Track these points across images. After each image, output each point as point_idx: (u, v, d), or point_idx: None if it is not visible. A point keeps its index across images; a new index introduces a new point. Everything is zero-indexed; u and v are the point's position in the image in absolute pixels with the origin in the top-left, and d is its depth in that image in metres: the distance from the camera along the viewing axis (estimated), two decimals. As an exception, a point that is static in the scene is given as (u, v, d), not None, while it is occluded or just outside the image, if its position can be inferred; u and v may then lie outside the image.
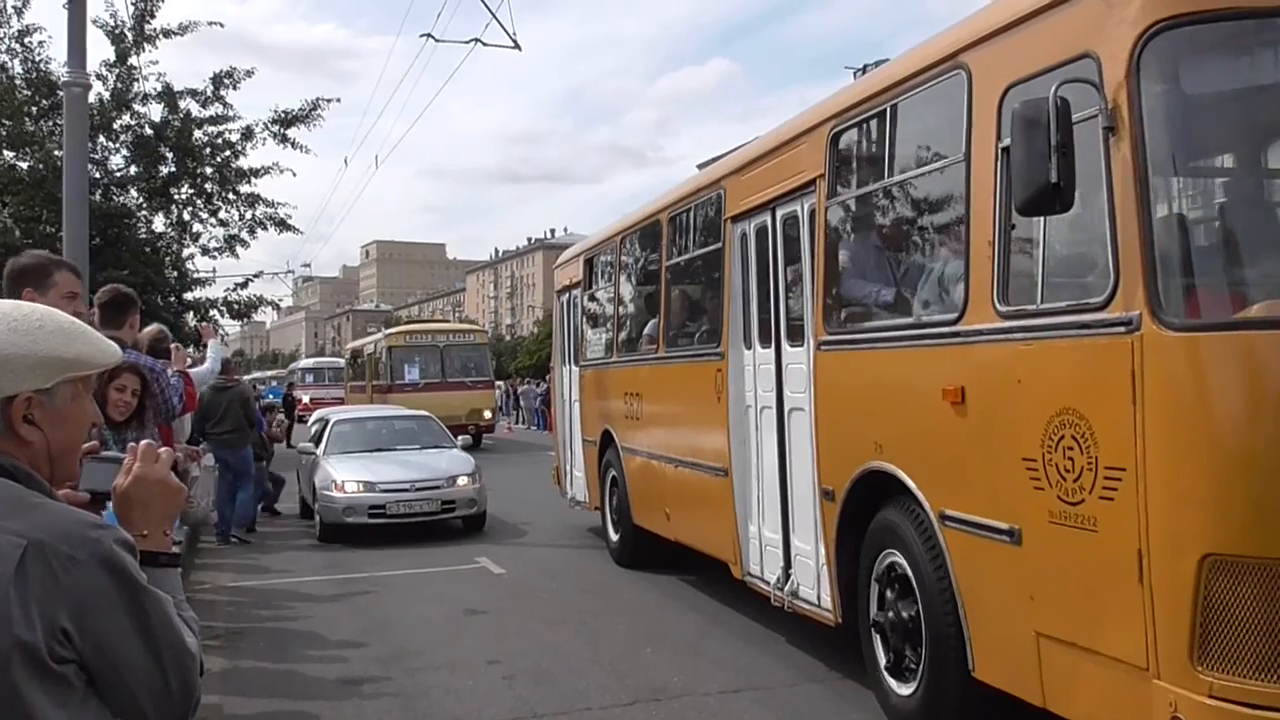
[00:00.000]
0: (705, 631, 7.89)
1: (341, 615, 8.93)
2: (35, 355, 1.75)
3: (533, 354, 67.09)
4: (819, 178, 6.25)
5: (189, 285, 20.14)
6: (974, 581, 4.82)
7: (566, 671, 6.87)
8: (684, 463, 8.64)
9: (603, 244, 11.44)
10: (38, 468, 1.77)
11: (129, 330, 6.06)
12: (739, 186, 7.65)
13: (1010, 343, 4.48)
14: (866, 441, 5.59)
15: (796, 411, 6.73)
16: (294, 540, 13.32)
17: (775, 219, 7.07)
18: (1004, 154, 4.52)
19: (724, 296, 7.80)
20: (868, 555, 5.75)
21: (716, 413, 7.79)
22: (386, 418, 15.89)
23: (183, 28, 18.05)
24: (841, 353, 6.04)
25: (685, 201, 8.92)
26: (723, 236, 7.88)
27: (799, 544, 6.78)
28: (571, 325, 12.64)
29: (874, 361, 5.71)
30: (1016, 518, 4.45)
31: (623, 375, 10.39)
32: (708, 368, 8.01)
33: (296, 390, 40.03)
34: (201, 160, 18.91)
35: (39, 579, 1.57)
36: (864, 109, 5.83)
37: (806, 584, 6.69)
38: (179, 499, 2.00)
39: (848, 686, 6.29)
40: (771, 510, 7.15)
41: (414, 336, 28.99)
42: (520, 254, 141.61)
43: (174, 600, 1.82)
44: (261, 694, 6.63)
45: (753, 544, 7.52)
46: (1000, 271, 4.57)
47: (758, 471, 7.38)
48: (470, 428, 25.62)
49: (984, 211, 4.66)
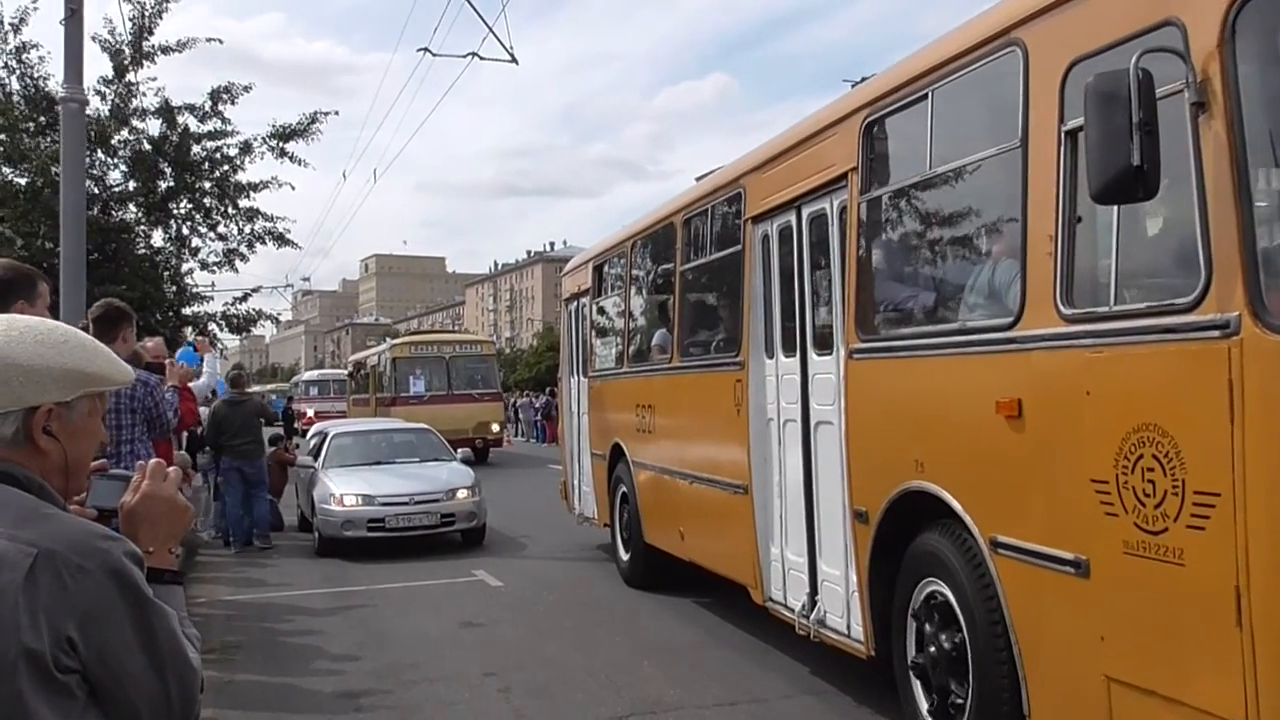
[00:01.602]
0: (702, 644, 7.71)
1: (338, 628, 8.74)
2: (61, 368, 1.74)
3: (532, 366, 66.24)
4: (851, 172, 5.61)
5: (188, 300, 19.54)
6: (1031, 617, 4.16)
7: (563, 684, 6.72)
8: (700, 479, 7.96)
9: (612, 249, 10.73)
10: (50, 480, 1.74)
11: (122, 344, 5.87)
12: (760, 185, 6.98)
13: (1077, 349, 3.85)
14: (905, 459, 4.93)
15: (824, 425, 6.11)
16: (292, 553, 12.95)
17: (801, 218, 6.41)
18: (1068, 138, 3.91)
19: (744, 302, 7.14)
20: (905, 584, 5.09)
21: (735, 426, 7.13)
22: (385, 430, 15.57)
23: (181, 44, 17.46)
24: (876, 361, 5.38)
25: (701, 202, 8.23)
26: (742, 238, 7.22)
27: (826, 569, 6.13)
28: (580, 335, 11.96)
29: (914, 371, 5.05)
30: (1084, 547, 3.82)
31: (634, 386, 9.70)
32: (726, 378, 7.35)
33: (300, 404, 38.89)
34: (200, 175, 18.31)
35: (47, 588, 1.54)
36: (902, 95, 5.15)
37: (835, 612, 6.04)
38: (185, 518, 1.98)
39: (844, 700, 6.13)
40: (796, 531, 6.50)
41: (419, 347, 27.52)
42: (519, 267, 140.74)
43: (177, 616, 1.77)
44: (258, 707, 6.47)
45: (775, 567, 6.85)
46: (1064, 270, 3.93)
47: (780, 489, 6.75)
48: (477, 441, 24.69)
49: (1044, 203, 4.03)
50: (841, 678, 6.37)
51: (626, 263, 10.14)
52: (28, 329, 1.76)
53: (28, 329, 1.76)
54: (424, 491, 12.59)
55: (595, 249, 11.56)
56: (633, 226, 10.16)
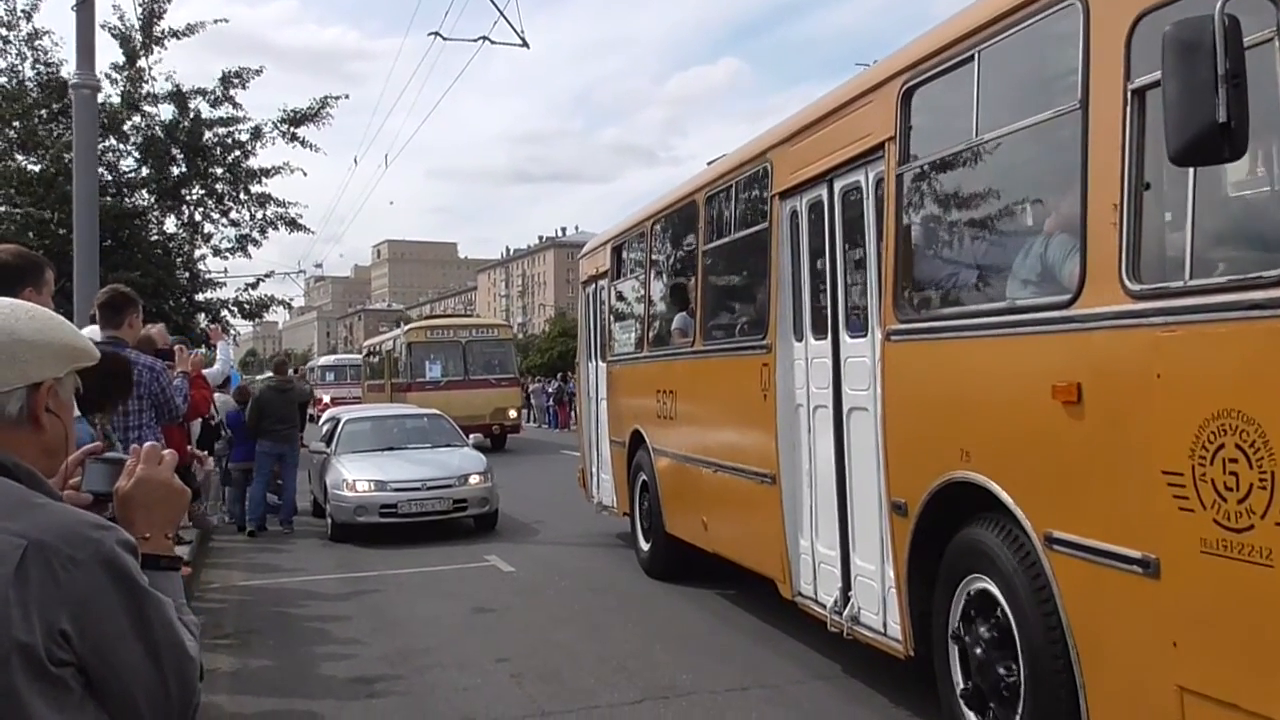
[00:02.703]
0: (714, 630, 7.53)
1: (351, 613, 8.59)
2: (60, 343, 1.72)
3: (544, 352, 65.67)
4: (888, 141, 5.13)
5: (200, 286, 19.26)
6: (1091, 619, 3.74)
7: (575, 669, 6.62)
8: (724, 467, 7.46)
9: (631, 230, 10.13)
10: (38, 462, 1.67)
11: (128, 330, 5.82)
12: (788, 158, 6.46)
13: (1146, 328, 3.41)
14: (949, 447, 4.48)
15: (858, 412, 5.64)
16: (305, 539, 12.75)
17: (833, 192, 5.92)
18: (1135, 98, 3.47)
19: (770, 283, 6.65)
20: (947, 581, 4.65)
21: (762, 412, 6.63)
22: (398, 416, 15.29)
23: (190, 28, 17.17)
24: (916, 344, 4.91)
25: (725, 179, 7.68)
26: (769, 215, 6.70)
27: (860, 563, 5.69)
28: (598, 319, 11.36)
29: (959, 354, 4.57)
30: (1153, 544, 3.39)
31: (655, 371, 9.16)
32: (752, 362, 6.85)
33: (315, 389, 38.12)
34: (212, 160, 17.98)
35: (39, 580, 1.48)
36: (945, 58, 4.65)
37: (870, 609, 5.59)
38: (182, 502, 1.90)
39: (856, 685, 5.98)
40: (827, 523, 6.04)
41: (435, 332, 26.33)
42: (531, 253, 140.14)
43: (174, 604, 1.70)
44: (271, 693, 6.39)
45: (804, 560, 6.40)
46: (1130, 241, 3.49)
47: (810, 479, 6.27)
48: (494, 428, 24.30)
49: (1107, 169, 3.59)
50: (854, 664, 6.20)
51: (646, 243, 9.62)
52: (17, 307, 1.71)
53: (17, 307, 1.71)
54: (436, 477, 12.37)
55: (614, 230, 10.96)
56: (652, 206, 9.63)
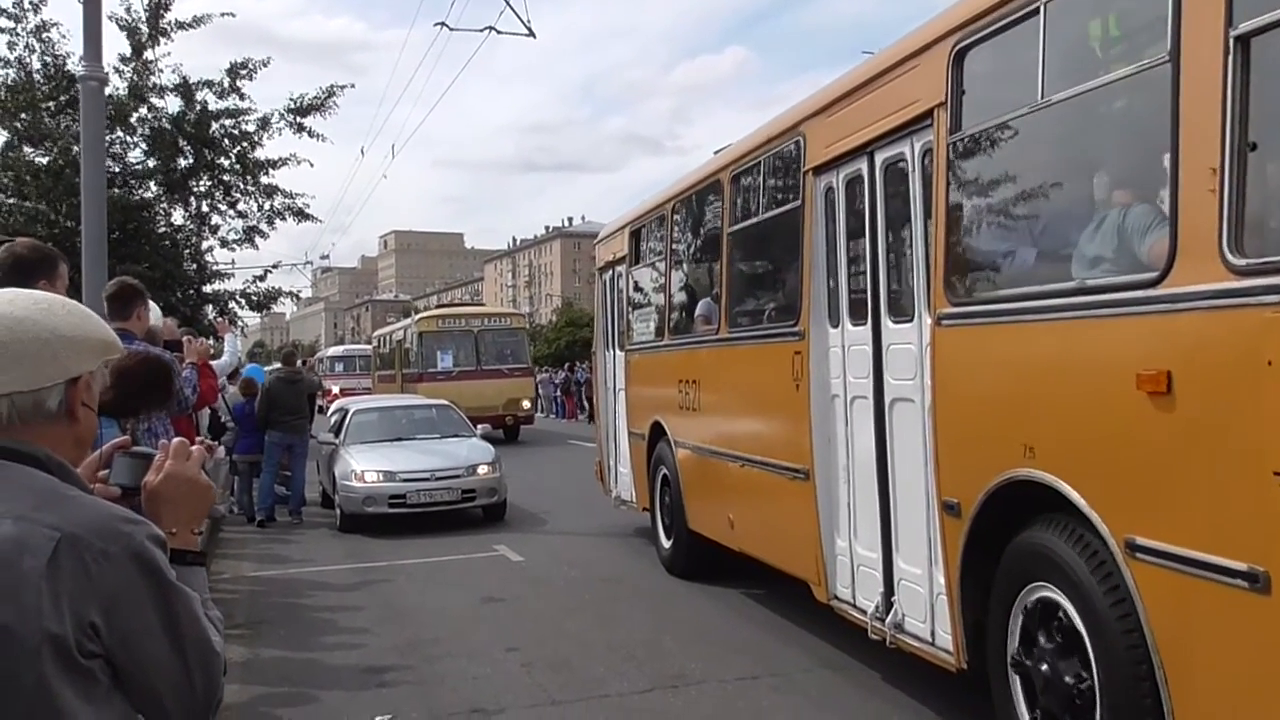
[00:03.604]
0: (724, 619, 7.41)
1: (361, 603, 8.49)
2: (96, 337, 1.70)
3: (551, 342, 65.07)
4: (938, 108, 4.59)
5: (208, 278, 18.89)
6: (1184, 638, 3.24)
7: (584, 659, 6.53)
8: (752, 461, 6.87)
9: (651, 212, 9.49)
10: (69, 455, 1.66)
11: (136, 322, 5.69)
12: (823, 130, 5.91)
13: (1252, 309, 2.91)
14: (1010, 442, 3.98)
15: (902, 403, 5.13)
16: (314, 530, 12.51)
17: (874, 165, 5.38)
18: (1239, 45, 2.96)
19: (803, 265, 6.09)
20: (1006, 588, 4.14)
21: (794, 403, 6.08)
22: (406, 407, 14.99)
23: (196, 20, 16.74)
24: (972, 328, 4.38)
25: (752, 155, 7.07)
26: (802, 192, 6.15)
27: (905, 565, 5.17)
28: (616, 306, 10.70)
29: (1021, 339, 4.06)
30: (1262, 556, 2.91)
31: (676, 360, 8.58)
32: (783, 349, 6.30)
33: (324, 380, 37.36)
34: (219, 151, 17.57)
35: (70, 573, 1.47)
36: (1004, 13, 4.11)
37: (916, 616, 5.07)
38: (208, 497, 1.84)
39: (866, 674, 5.87)
40: (867, 522, 5.54)
41: (446, 321, 25.07)
42: (538, 243, 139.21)
43: (200, 598, 1.66)
44: (281, 682, 6.31)
45: (841, 562, 5.88)
46: (1233, 211, 2.99)
47: (848, 475, 5.75)
48: (508, 419, 23.55)
49: (1204, 129, 3.08)
50: (864, 654, 6.01)
51: (667, 227, 9.01)
52: (50, 300, 1.69)
53: (50, 300, 1.69)
54: (445, 467, 12.11)
55: (631, 213, 10.28)
56: (673, 187, 8.99)
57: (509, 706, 5.62)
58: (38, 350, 1.60)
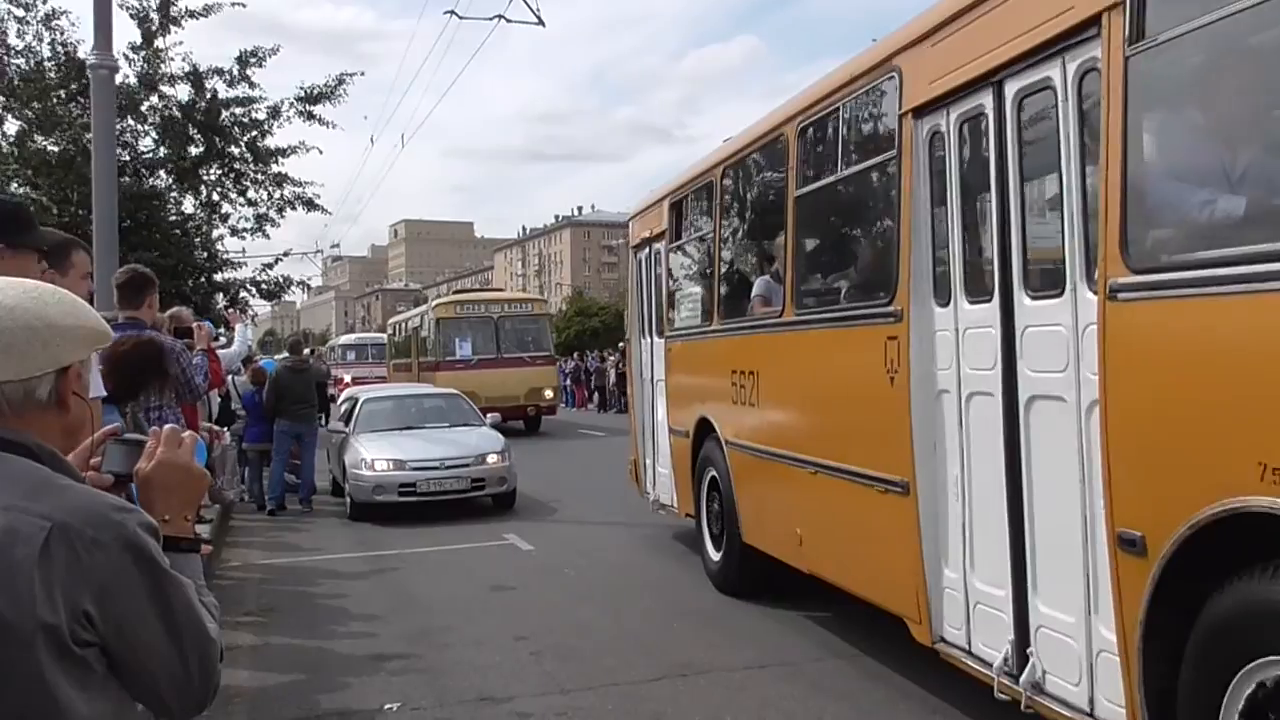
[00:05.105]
0: (732, 607, 7.38)
1: (370, 592, 8.53)
2: (85, 325, 1.68)
3: (561, 331, 65.02)
4: (1108, 11, 3.50)
5: (219, 266, 19.03)
6: None
7: (593, 647, 6.53)
8: (829, 468, 5.79)
9: (696, 179, 8.36)
10: (59, 444, 1.66)
11: (148, 310, 5.76)
12: (927, 61, 4.81)
13: None
14: (1229, 460, 3.02)
15: (1044, 401, 4.05)
16: (324, 518, 12.65)
17: (1002, 99, 4.27)
18: None
19: (901, 230, 5.00)
20: (1213, 658, 3.14)
21: (888, 400, 5.04)
22: (416, 396, 15.04)
23: (207, 9, 16.82)
24: (1164, 303, 3.32)
25: (828, 101, 5.95)
26: (898, 140, 5.06)
27: (1046, 610, 4.09)
28: (653, 287, 9.56)
29: (1250, 317, 3.00)
30: None
31: (728, 347, 7.53)
32: (871, 334, 5.25)
33: (336, 369, 36.65)
34: (230, 140, 17.68)
35: (63, 562, 1.47)
36: None
37: (1065, 676, 3.97)
38: (201, 484, 1.86)
39: (873, 663, 5.86)
40: (988, 550, 4.50)
41: (465, 307, 24.00)
42: (547, 232, 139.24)
43: (194, 585, 1.67)
44: (291, 670, 6.33)
45: (950, 597, 4.79)
46: None
47: (963, 490, 4.66)
48: (529, 409, 22.83)
49: None
50: (872, 643, 6.01)
51: (714, 196, 7.88)
52: (44, 290, 1.68)
53: (44, 290, 1.68)
54: (454, 456, 12.14)
55: (671, 183, 9.08)
56: (721, 150, 7.90)
57: (518, 695, 5.62)
58: (28, 339, 1.59)
